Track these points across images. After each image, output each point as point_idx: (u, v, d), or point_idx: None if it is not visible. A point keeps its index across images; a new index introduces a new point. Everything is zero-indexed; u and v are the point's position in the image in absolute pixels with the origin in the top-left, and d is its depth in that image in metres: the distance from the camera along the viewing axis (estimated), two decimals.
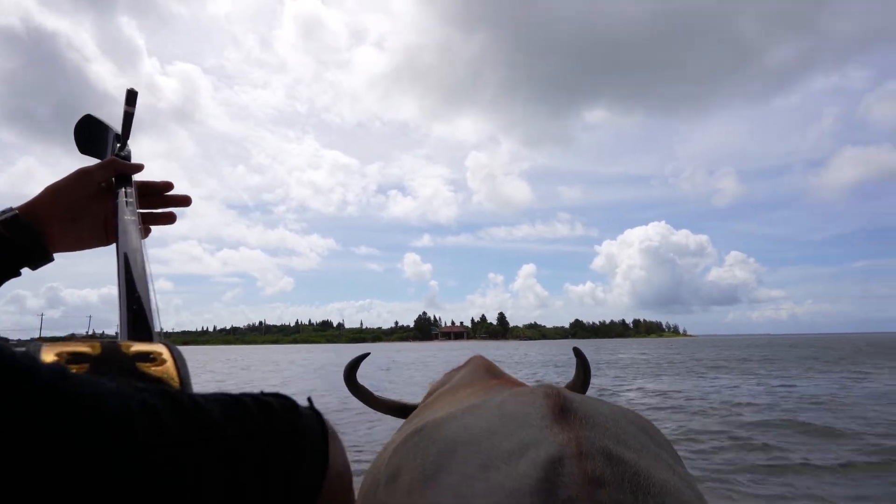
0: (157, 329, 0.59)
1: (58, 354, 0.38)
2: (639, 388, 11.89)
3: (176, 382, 0.41)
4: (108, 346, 0.41)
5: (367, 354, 1.69)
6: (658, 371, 18.07)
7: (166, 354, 0.43)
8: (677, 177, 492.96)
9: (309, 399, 0.40)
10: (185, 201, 0.90)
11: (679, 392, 11.03)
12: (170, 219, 0.89)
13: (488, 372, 1.18)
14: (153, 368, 0.41)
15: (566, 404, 0.70)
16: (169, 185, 0.89)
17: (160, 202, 0.89)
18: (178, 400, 0.30)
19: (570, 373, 1.45)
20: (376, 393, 1.63)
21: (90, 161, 0.89)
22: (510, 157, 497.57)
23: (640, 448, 0.66)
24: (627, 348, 52.09)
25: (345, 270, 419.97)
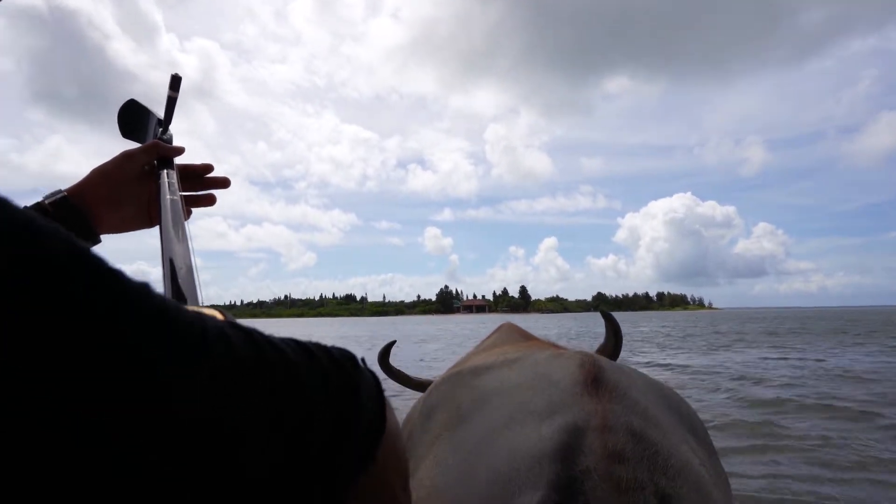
0: (201, 304, 0.60)
1: None
2: (648, 363, 11.75)
3: None
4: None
5: (394, 342, 1.78)
6: (675, 344, 17.88)
7: (220, 316, 0.42)
8: (703, 146, 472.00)
9: (363, 359, 0.40)
10: (224, 183, 0.92)
11: (689, 366, 10.85)
12: (210, 200, 0.92)
13: (521, 334, 1.19)
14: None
15: (600, 374, 0.71)
16: (209, 168, 0.91)
17: (200, 185, 0.91)
18: (250, 332, 0.30)
19: (595, 344, 1.42)
20: (411, 374, 1.72)
21: (132, 145, 0.91)
22: (529, 128, 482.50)
23: (667, 428, 0.66)
24: (648, 321, 51.67)
25: (366, 245, 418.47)
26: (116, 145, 0.85)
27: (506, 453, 0.63)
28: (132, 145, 0.91)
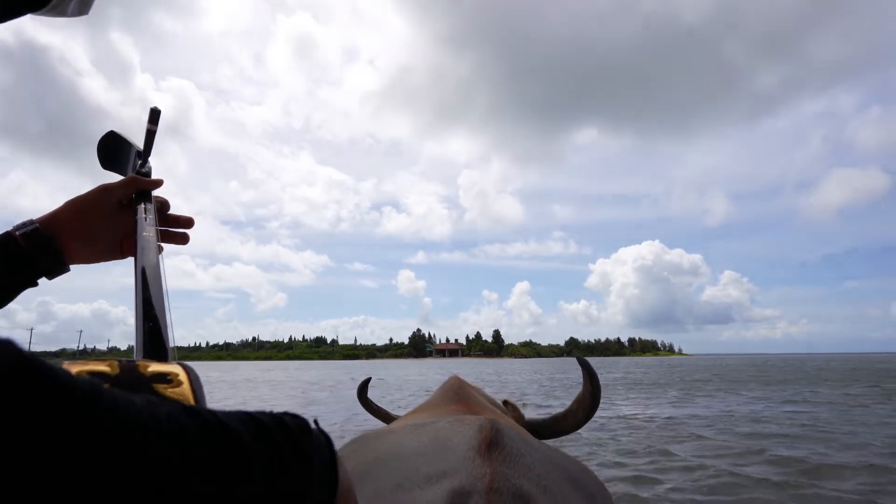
0: (171, 345, 0.60)
1: (77, 373, 0.37)
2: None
3: (192, 404, 0.40)
4: (126, 365, 0.41)
5: (370, 378, 1.93)
6: (639, 391, 17.92)
7: (182, 376, 0.43)
8: (668, 197, 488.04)
9: (315, 420, 0.41)
10: (187, 223, 0.92)
11: (643, 414, 10.82)
12: (183, 239, 0.91)
13: (456, 394, 1.19)
14: (170, 390, 0.40)
15: (497, 438, 0.71)
16: (166, 205, 0.90)
17: (170, 221, 0.90)
18: (204, 418, 0.31)
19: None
20: (388, 410, 1.79)
21: (112, 176, 0.91)
22: (502, 175, 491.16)
23: (557, 495, 0.66)
24: (620, 367, 51.91)
25: (338, 287, 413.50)
26: (82, 181, 0.85)
27: None
28: (108, 175, 0.91)
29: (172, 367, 0.43)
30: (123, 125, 1.05)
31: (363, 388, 1.85)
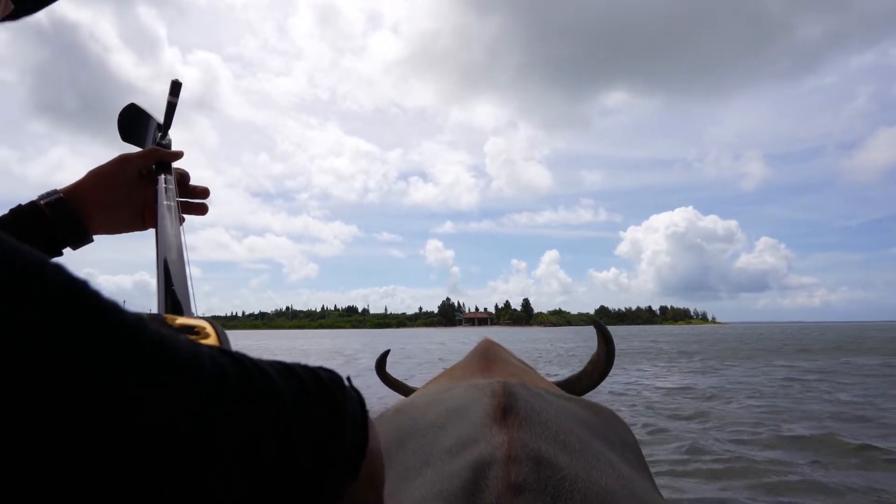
0: (193, 311, 0.60)
1: None
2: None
3: None
4: (155, 318, 0.42)
5: (388, 351, 1.88)
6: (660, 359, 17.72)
7: (210, 329, 0.43)
8: (702, 161, 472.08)
9: (348, 378, 0.41)
10: (204, 193, 0.93)
11: (647, 383, 10.66)
12: (202, 210, 0.92)
13: (483, 356, 1.20)
14: (199, 341, 0.41)
15: (511, 402, 0.71)
16: (185, 176, 0.91)
17: (185, 192, 0.91)
18: (243, 362, 0.31)
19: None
20: (406, 381, 1.77)
21: (132, 149, 0.92)
22: (529, 142, 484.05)
23: (579, 450, 0.66)
24: (651, 335, 51.40)
25: (368, 257, 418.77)
26: (117, 154, 0.85)
27: (418, 497, 0.63)
28: (131, 148, 0.92)
29: (199, 322, 0.44)
30: (150, 100, 1.05)
31: (381, 362, 1.79)
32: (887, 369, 11.99)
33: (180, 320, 0.43)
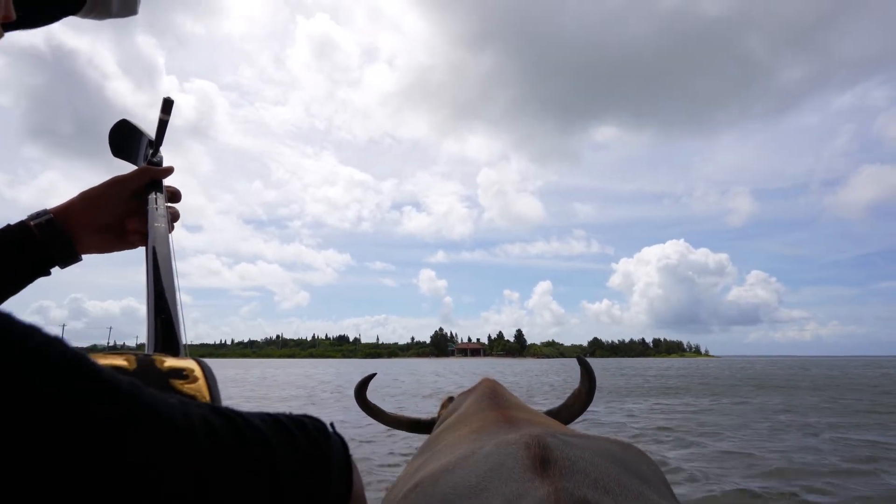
0: (182, 339, 0.59)
1: None
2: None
3: (207, 401, 0.41)
4: (144, 360, 0.42)
5: (374, 374, 1.81)
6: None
7: (198, 371, 0.43)
8: (690, 196, 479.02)
9: (331, 424, 0.41)
10: (175, 196, 0.91)
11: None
12: (175, 196, 0.91)
13: (493, 400, 1.20)
14: (186, 386, 0.41)
15: (546, 454, 0.72)
16: (177, 195, 0.91)
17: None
18: (232, 419, 0.31)
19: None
20: (387, 410, 1.73)
21: (123, 164, 0.92)
22: (521, 174, 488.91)
23: (621, 491, 0.68)
24: (646, 368, 51.16)
25: (360, 286, 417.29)
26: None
27: None
28: (122, 164, 0.92)
29: (188, 363, 0.44)
30: (148, 127, 1.05)
31: (362, 387, 1.73)
32: (789, 414, 11.09)
33: (168, 362, 0.43)
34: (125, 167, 0.93)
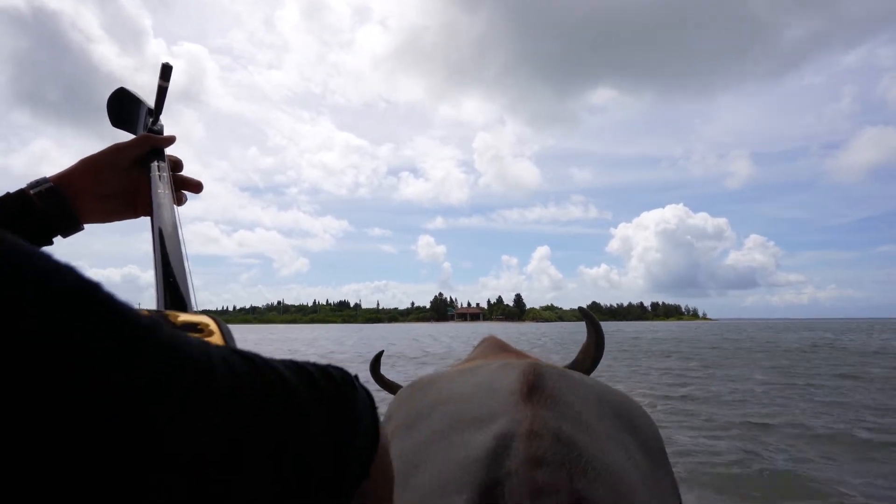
0: (193, 304, 0.59)
1: None
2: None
3: None
4: (157, 315, 0.40)
5: (382, 352, 1.86)
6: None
7: (213, 326, 0.42)
8: (688, 159, 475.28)
9: (356, 376, 0.40)
10: (197, 187, 0.90)
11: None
12: (197, 188, 0.89)
13: (499, 347, 1.23)
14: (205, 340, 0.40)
15: (538, 382, 0.75)
16: (178, 164, 0.89)
17: (176, 181, 0.88)
18: (255, 361, 0.31)
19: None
20: (399, 382, 1.78)
21: (122, 134, 0.90)
22: (517, 138, 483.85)
23: (600, 432, 0.69)
24: (644, 330, 51.76)
25: (359, 252, 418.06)
26: (104, 146, 0.83)
27: (442, 459, 0.66)
28: (122, 134, 0.89)
29: (202, 318, 0.43)
30: (137, 87, 1.02)
31: (376, 363, 1.77)
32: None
33: (182, 317, 0.42)
34: (122, 136, 0.90)
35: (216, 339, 0.40)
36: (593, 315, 1.42)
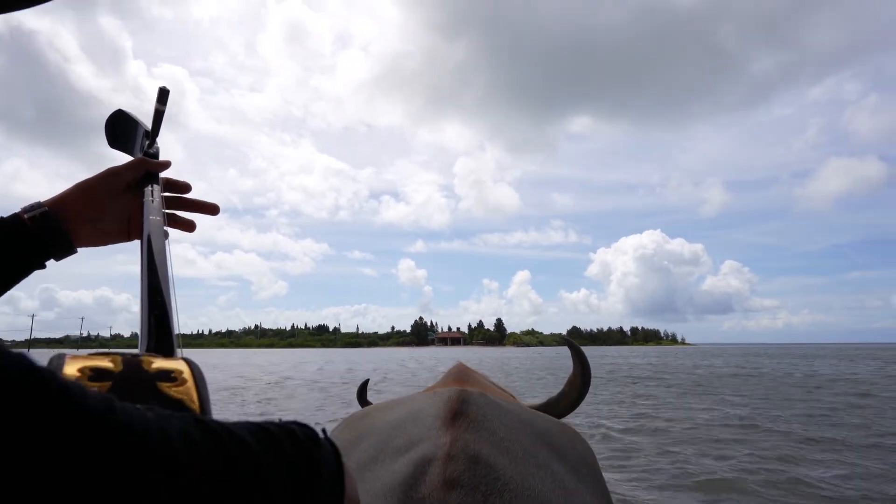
0: (176, 332, 0.58)
1: (80, 370, 0.38)
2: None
3: (196, 405, 0.40)
4: (130, 361, 0.40)
5: (368, 380, 1.85)
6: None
7: (187, 373, 0.42)
8: (665, 186, 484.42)
9: (324, 430, 0.40)
10: (213, 210, 0.91)
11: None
12: (190, 227, 0.90)
13: (457, 377, 1.20)
14: (173, 389, 0.40)
15: (461, 408, 0.76)
16: (187, 187, 0.90)
17: (182, 205, 0.89)
18: (215, 431, 0.30)
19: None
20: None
21: (118, 155, 0.91)
22: (497, 163, 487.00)
23: (521, 455, 0.70)
24: (623, 357, 51.95)
25: (339, 275, 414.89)
26: (78, 167, 0.86)
27: (364, 490, 0.66)
28: (118, 156, 0.91)
29: (177, 364, 0.42)
30: (132, 108, 1.04)
31: (363, 391, 1.78)
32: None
33: (156, 364, 0.41)
34: (119, 158, 0.91)
35: (188, 386, 0.40)
36: (577, 346, 1.40)
